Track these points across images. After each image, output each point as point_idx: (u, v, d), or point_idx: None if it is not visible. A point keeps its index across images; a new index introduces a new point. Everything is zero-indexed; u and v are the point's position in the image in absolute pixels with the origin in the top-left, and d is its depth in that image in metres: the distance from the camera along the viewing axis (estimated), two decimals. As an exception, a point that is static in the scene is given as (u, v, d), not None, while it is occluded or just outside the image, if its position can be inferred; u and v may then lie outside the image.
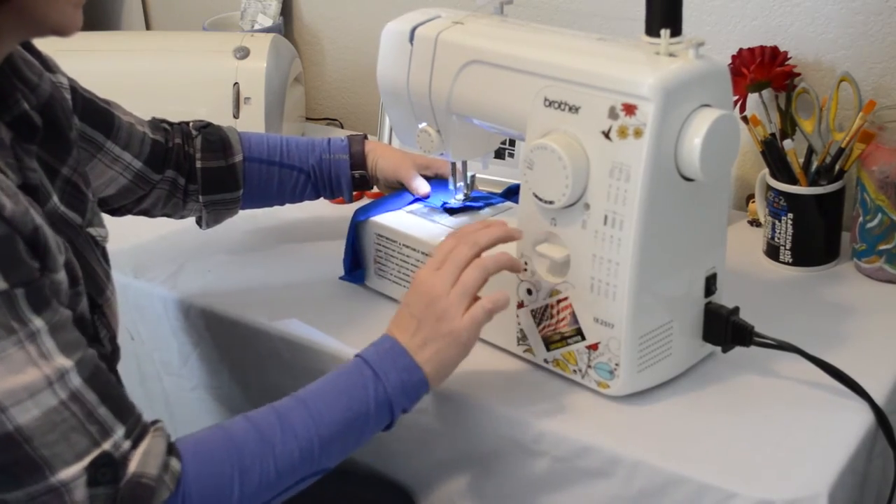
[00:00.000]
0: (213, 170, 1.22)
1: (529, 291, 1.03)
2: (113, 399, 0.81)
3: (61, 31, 0.85)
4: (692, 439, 0.95)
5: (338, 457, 0.93)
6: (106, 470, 0.79)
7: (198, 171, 1.21)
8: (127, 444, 0.80)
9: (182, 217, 1.26)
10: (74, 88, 1.08)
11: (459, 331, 0.95)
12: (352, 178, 1.27)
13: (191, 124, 1.24)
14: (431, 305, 0.95)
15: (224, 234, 1.36)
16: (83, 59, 1.15)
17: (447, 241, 1.01)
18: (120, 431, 0.80)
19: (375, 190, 1.32)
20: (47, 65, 1.02)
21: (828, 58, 1.33)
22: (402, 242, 1.16)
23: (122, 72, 1.65)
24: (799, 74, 1.30)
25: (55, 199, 0.92)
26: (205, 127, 1.24)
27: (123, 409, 0.82)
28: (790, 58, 1.31)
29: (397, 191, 1.26)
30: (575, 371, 1.02)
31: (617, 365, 0.98)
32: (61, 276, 0.83)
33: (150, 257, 1.34)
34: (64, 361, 0.78)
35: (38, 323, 0.77)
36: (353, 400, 0.92)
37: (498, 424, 1.01)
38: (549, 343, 1.04)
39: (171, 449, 0.83)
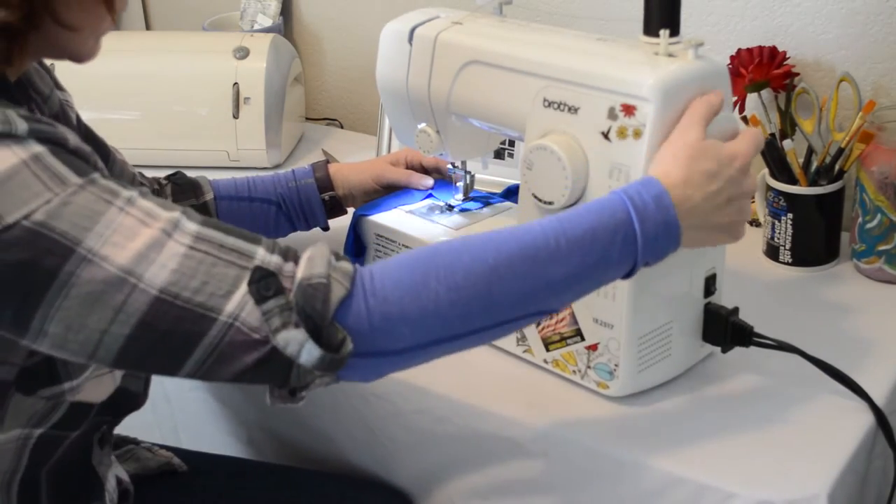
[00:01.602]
0: None
1: (529, 292, 1.03)
2: (235, 231, 0.79)
3: (79, 59, 0.87)
4: (692, 439, 0.95)
5: (567, 292, 0.83)
6: (266, 282, 0.76)
7: None
8: (276, 258, 0.78)
9: None
10: (78, 115, 1.09)
11: (729, 232, 0.91)
12: (322, 201, 1.27)
13: (161, 178, 1.25)
14: (719, 187, 0.87)
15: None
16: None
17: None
18: (260, 250, 0.78)
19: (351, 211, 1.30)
20: (56, 82, 1.03)
21: (828, 58, 1.33)
22: (401, 242, 1.16)
23: (122, 72, 1.65)
24: (797, 74, 1.30)
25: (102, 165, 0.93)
26: (173, 175, 1.25)
27: (251, 236, 0.80)
28: (789, 58, 1.31)
29: (402, 189, 1.27)
30: (574, 371, 1.02)
31: (616, 365, 0.98)
32: None
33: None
34: (170, 214, 0.77)
35: (127, 192, 0.77)
36: (597, 247, 0.82)
37: (497, 425, 1.01)
38: (548, 343, 1.04)
39: (338, 256, 0.80)
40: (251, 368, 0.77)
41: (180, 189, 1.24)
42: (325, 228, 1.30)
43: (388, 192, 1.27)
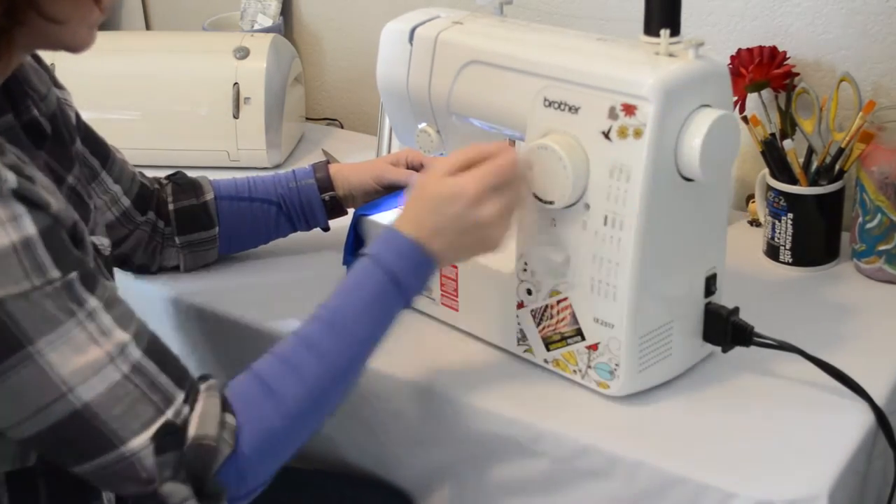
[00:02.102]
0: (186, 208, 1.24)
1: (529, 291, 1.03)
2: (170, 366, 0.84)
3: (73, 49, 0.87)
4: (692, 439, 0.95)
5: (364, 366, 0.94)
6: (171, 437, 0.82)
7: (171, 213, 1.23)
8: (186, 409, 0.83)
9: (160, 265, 1.27)
10: (77, 113, 1.09)
11: (492, 241, 0.96)
12: (323, 202, 1.27)
13: (162, 178, 1.26)
14: (470, 204, 0.93)
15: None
16: (83, 59, 1.15)
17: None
18: (180, 397, 0.83)
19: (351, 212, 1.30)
20: (54, 80, 1.03)
21: (828, 58, 1.33)
22: (401, 243, 1.16)
23: (122, 72, 1.65)
24: (798, 74, 1.30)
25: (79, 226, 0.93)
26: (173, 175, 1.26)
27: (180, 374, 0.85)
28: (789, 58, 1.31)
29: (402, 189, 1.27)
30: (575, 371, 1.02)
31: (617, 365, 0.98)
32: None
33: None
34: (122, 336, 0.81)
35: (93, 302, 0.81)
36: (378, 311, 0.92)
37: (497, 425, 1.01)
38: (548, 343, 1.04)
39: (225, 405, 0.85)
40: (128, 495, 0.84)
41: (181, 189, 1.24)
42: (326, 229, 1.30)
43: (389, 192, 1.27)
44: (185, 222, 1.24)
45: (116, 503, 0.99)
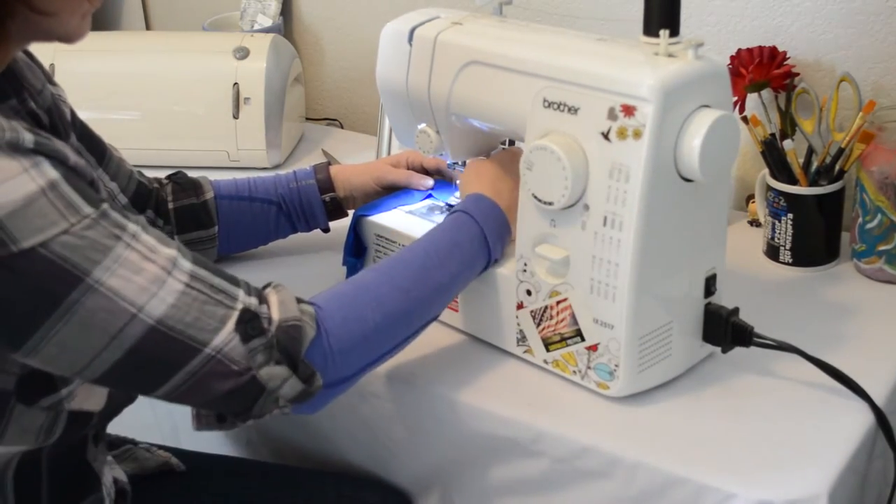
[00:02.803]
0: (186, 207, 1.24)
1: (529, 292, 1.03)
2: (219, 271, 0.87)
3: (67, 40, 0.87)
4: (692, 439, 0.95)
5: (448, 301, 1.03)
6: (253, 323, 0.85)
7: (171, 211, 1.23)
8: (254, 301, 0.86)
9: None
10: (72, 109, 1.09)
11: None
12: (323, 203, 1.28)
13: (163, 178, 1.26)
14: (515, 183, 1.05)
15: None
16: (83, 59, 1.15)
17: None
18: (241, 293, 0.86)
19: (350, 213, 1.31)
20: (48, 76, 1.03)
21: (828, 58, 1.33)
22: (401, 243, 1.16)
23: (122, 72, 1.65)
24: (798, 74, 1.30)
25: (97, 181, 0.93)
26: (174, 175, 1.26)
27: (230, 276, 0.87)
28: (789, 58, 1.31)
29: (402, 190, 1.27)
30: (575, 372, 1.02)
31: (617, 366, 0.98)
32: None
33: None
34: (169, 251, 0.83)
35: (132, 226, 0.82)
36: (465, 253, 1.03)
37: (497, 425, 1.01)
38: (548, 344, 1.04)
39: (299, 299, 0.90)
40: (221, 397, 0.85)
41: (181, 188, 1.24)
42: (326, 230, 1.30)
43: (389, 192, 1.27)
44: (184, 221, 1.24)
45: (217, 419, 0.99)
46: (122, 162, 1.19)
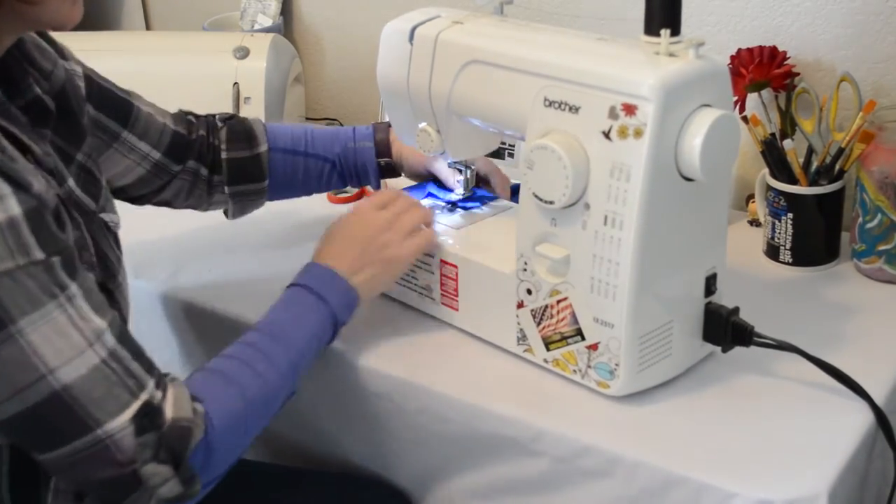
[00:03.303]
0: (239, 160, 1.23)
1: (529, 291, 1.03)
2: (139, 355, 0.86)
3: (58, 26, 0.88)
4: (692, 439, 0.95)
5: (302, 375, 1.01)
6: (149, 418, 0.84)
7: (223, 161, 1.22)
8: (159, 394, 0.85)
9: (207, 209, 1.27)
10: (90, 77, 1.09)
11: (400, 258, 1.08)
12: (378, 165, 1.27)
13: (216, 116, 1.25)
14: (377, 237, 1.07)
15: (224, 233, 1.36)
16: (84, 59, 1.15)
17: (390, 192, 1.15)
18: (151, 383, 0.85)
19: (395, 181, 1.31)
20: (62, 52, 1.03)
21: (828, 58, 1.33)
22: (402, 242, 1.16)
23: (122, 72, 1.63)
24: (798, 74, 1.30)
25: (70, 182, 0.93)
26: (230, 118, 1.25)
27: (148, 364, 0.87)
28: (789, 58, 1.31)
29: (417, 184, 1.27)
30: (575, 371, 1.02)
31: (617, 365, 0.98)
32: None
33: (150, 257, 1.34)
34: (99, 322, 0.83)
35: (73, 288, 0.82)
36: (311, 324, 1.01)
37: (497, 424, 1.01)
38: (548, 343, 1.04)
39: (192, 396, 0.89)
40: (97, 482, 0.84)
41: (235, 136, 1.23)
42: (377, 187, 1.29)
43: (426, 181, 1.27)
44: (235, 173, 1.23)
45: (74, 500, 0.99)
46: (152, 117, 1.18)
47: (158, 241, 1.38)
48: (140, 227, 1.33)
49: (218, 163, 1.22)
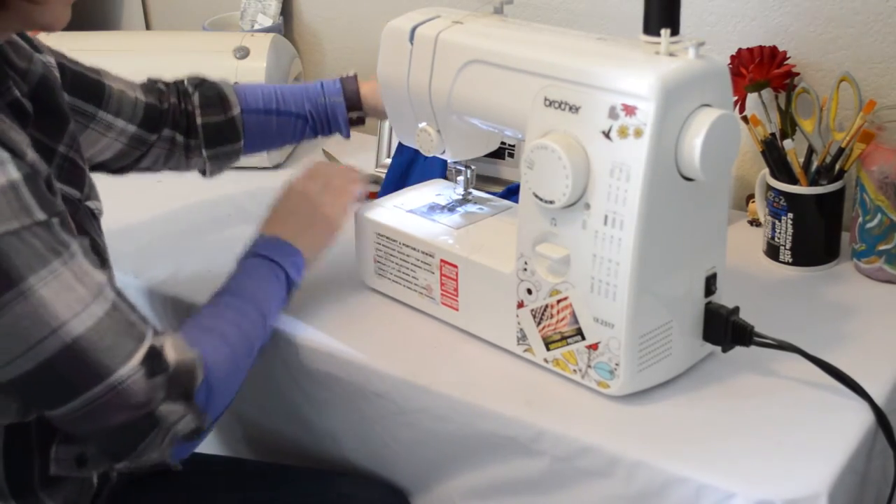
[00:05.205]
0: (214, 124, 1.26)
1: (529, 291, 1.03)
2: (135, 308, 0.90)
3: (50, 28, 0.90)
4: (692, 439, 0.95)
5: (271, 328, 1.07)
6: (156, 361, 0.87)
7: (198, 126, 1.25)
8: (160, 340, 0.89)
9: (188, 170, 1.29)
10: (62, 64, 1.11)
11: (334, 216, 1.14)
12: (349, 119, 1.31)
13: (185, 81, 1.27)
14: (311, 202, 1.14)
15: (225, 233, 1.36)
16: (83, 59, 1.16)
17: (317, 165, 1.21)
18: (150, 332, 0.89)
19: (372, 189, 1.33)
20: (36, 46, 1.04)
21: (828, 58, 1.33)
22: (402, 242, 1.16)
23: (122, 72, 1.64)
24: (798, 74, 1.31)
25: (52, 178, 0.94)
26: (199, 84, 1.27)
27: (142, 315, 0.91)
28: (789, 58, 1.31)
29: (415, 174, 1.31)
30: (575, 371, 1.02)
31: (617, 365, 0.98)
32: None
33: (151, 257, 1.34)
34: (100, 277, 0.87)
35: (74, 246, 0.86)
36: (268, 282, 1.06)
37: (497, 424, 1.01)
38: (548, 343, 1.04)
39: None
40: (112, 429, 0.87)
41: (208, 101, 1.25)
42: (347, 136, 1.34)
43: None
44: (211, 137, 1.26)
45: (76, 462, 1.01)
46: (123, 94, 1.20)
47: (158, 241, 1.38)
48: (140, 227, 1.33)
49: (193, 128, 1.25)
